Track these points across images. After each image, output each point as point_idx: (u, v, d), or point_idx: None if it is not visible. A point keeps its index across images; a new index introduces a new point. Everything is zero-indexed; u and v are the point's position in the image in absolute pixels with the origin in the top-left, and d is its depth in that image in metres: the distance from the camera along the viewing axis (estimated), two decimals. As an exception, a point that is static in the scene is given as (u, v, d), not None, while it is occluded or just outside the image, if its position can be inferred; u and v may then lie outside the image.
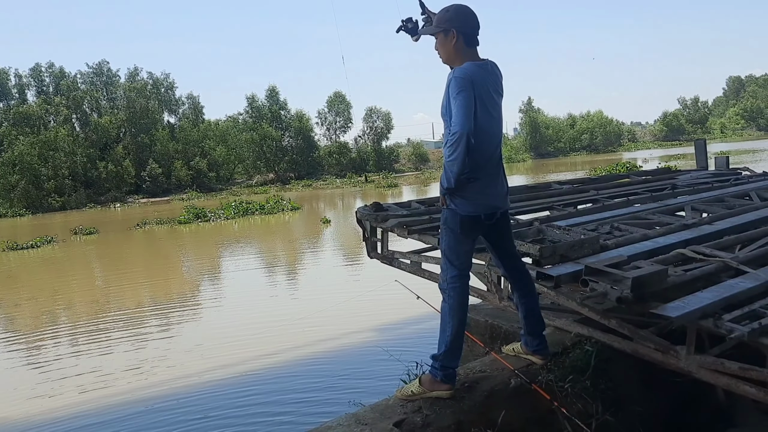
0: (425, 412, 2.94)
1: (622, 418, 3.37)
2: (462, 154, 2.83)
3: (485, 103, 2.96)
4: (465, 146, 2.82)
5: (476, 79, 2.93)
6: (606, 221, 4.59)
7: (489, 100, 2.99)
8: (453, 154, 2.85)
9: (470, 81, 2.89)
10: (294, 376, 6.75)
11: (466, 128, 2.82)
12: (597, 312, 3.37)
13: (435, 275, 4.20)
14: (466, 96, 2.85)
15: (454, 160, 2.86)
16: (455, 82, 2.89)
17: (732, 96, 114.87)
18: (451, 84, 2.90)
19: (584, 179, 7.56)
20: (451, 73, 2.96)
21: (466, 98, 2.85)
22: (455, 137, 2.83)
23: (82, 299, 12.38)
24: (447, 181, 2.94)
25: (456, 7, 3.07)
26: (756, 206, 5.18)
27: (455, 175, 2.90)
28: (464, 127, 2.82)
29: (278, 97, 61.50)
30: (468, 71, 2.92)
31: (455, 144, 2.83)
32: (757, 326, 2.73)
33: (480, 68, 3.00)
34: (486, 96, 2.97)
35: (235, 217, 27.51)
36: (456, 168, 2.88)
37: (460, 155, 2.84)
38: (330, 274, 13.11)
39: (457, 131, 2.83)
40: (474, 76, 2.93)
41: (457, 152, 2.83)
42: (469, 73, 2.92)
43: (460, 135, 2.82)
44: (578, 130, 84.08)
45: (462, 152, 2.83)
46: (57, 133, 48.05)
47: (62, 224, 32.23)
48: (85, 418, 6.09)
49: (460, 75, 2.90)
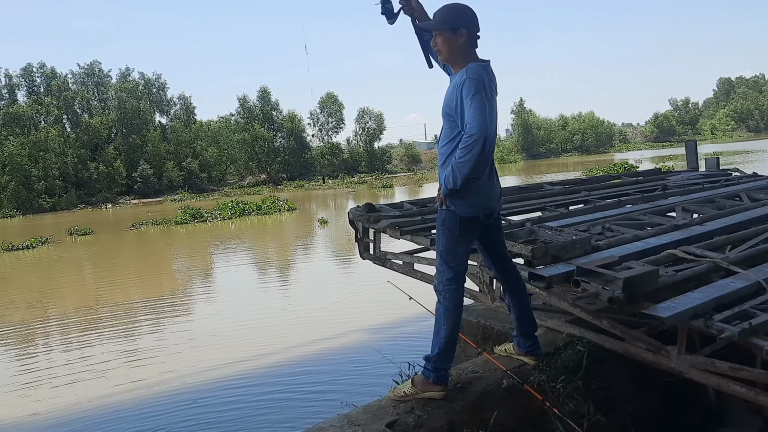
0: (418, 413, 2.93)
1: (613, 418, 3.38)
2: (477, 156, 2.80)
3: (490, 105, 2.95)
4: (481, 149, 2.79)
5: (484, 81, 2.91)
6: (597, 222, 4.60)
7: (491, 101, 2.97)
8: (467, 155, 2.80)
9: (483, 83, 2.88)
10: (286, 377, 6.73)
11: (485, 131, 2.78)
12: (589, 312, 3.38)
13: (427, 276, 4.21)
14: (482, 98, 2.83)
15: (467, 161, 2.82)
16: (471, 83, 2.85)
17: (722, 97, 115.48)
18: (466, 84, 2.86)
19: (576, 180, 7.58)
20: (464, 73, 2.91)
21: (482, 100, 2.82)
22: (472, 139, 2.78)
23: (90, 299, 12.31)
24: (453, 182, 2.89)
25: (464, 6, 3.04)
26: (746, 207, 5.20)
27: (464, 177, 2.86)
28: (483, 130, 2.78)
29: (270, 97, 61.47)
30: (479, 72, 2.90)
31: (471, 146, 2.79)
32: (747, 326, 2.74)
33: (484, 69, 2.98)
34: (489, 98, 2.94)
35: (232, 217, 27.45)
36: (467, 170, 2.84)
37: (474, 157, 2.80)
38: (325, 274, 13.09)
39: (475, 133, 2.78)
40: (483, 77, 2.91)
41: (472, 154, 2.80)
42: (481, 74, 2.91)
43: (478, 137, 2.78)
44: (570, 131, 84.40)
45: (477, 155, 2.80)
46: (48, 134, 47.79)
47: (53, 225, 32.06)
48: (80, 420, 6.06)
49: (476, 76, 2.87)
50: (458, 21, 2.99)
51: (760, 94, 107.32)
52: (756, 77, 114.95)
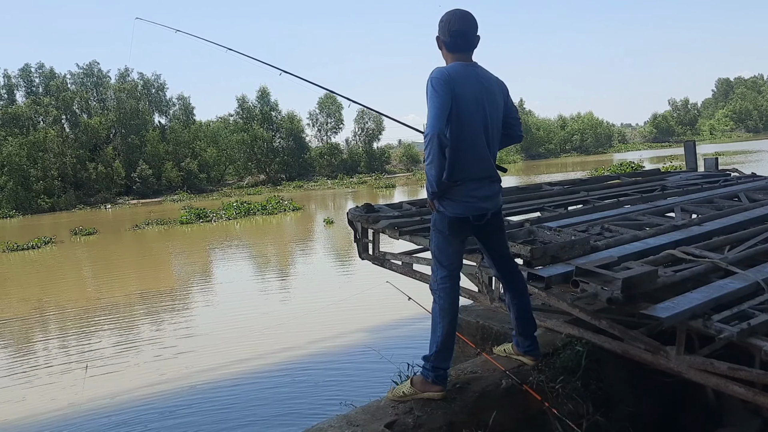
0: (416, 413, 2.93)
1: (612, 418, 3.38)
2: (436, 155, 2.81)
3: (469, 104, 2.92)
4: (438, 147, 2.80)
5: (457, 79, 2.91)
6: (596, 222, 4.60)
7: (475, 100, 2.95)
8: (428, 156, 2.84)
9: (447, 82, 2.87)
10: (285, 377, 6.72)
11: (436, 129, 2.80)
12: (588, 313, 3.38)
13: (426, 276, 4.19)
14: (439, 97, 2.84)
15: (430, 162, 2.85)
16: (430, 83, 2.88)
17: (721, 98, 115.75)
18: (427, 85, 2.90)
19: (575, 180, 7.57)
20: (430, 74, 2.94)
21: (438, 99, 2.83)
22: (427, 139, 2.81)
23: (102, 299, 12.28)
24: (429, 184, 2.93)
25: (449, 12, 3.05)
26: (745, 207, 5.21)
27: (435, 178, 2.88)
28: (434, 128, 2.80)
29: (269, 98, 61.44)
30: (446, 72, 2.91)
31: (428, 146, 2.81)
32: (746, 326, 2.74)
33: (465, 68, 2.98)
34: (470, 96, 2.93)
35: (237, 217, 27.44)
36: (434, 170, 2.86)
37: (435, 157, 2.82)
38: (328, 274, 13.08)
39: (428, 133, 2.81)
40: (455, 75, 2.91)
41: (432, 155, 2.82)
42: (449, 73, 2.90)
43: (432, 136, 2.80)
44: (569, 132, 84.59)
45: (436, 153, 2.81)
46: (46, 134, 47.77)
47: (53, 225, 32.04)
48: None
49: (435, 76, 2.89)
50: (439, 29, 3.06)
51: (759, 95, 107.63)
52: (755, 78, 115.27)
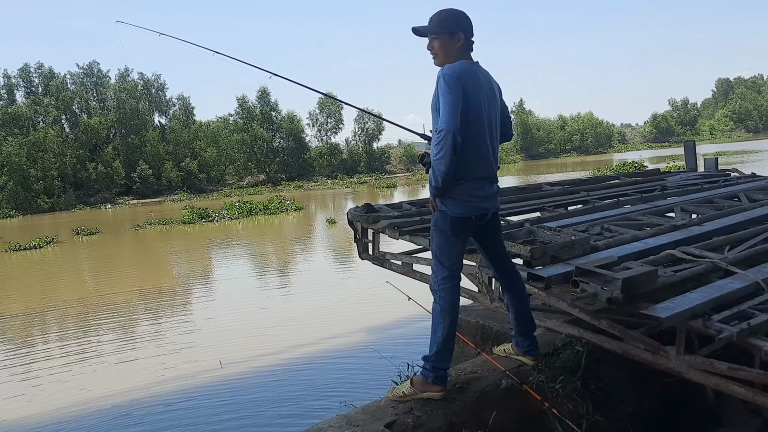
0: (416, 414, 2.93)
1: (612, 418, 3.38)
2: (449, 151, 2.82)
3: (477, 103, 2.95)
4: (451, 144, 2.81)
5: (467, 78, 2.92)
6: (596, 222, 4.60)
7: (481, 99, 2.97)
8: (440, 152, 2.83)
9: (460, 79, 2.89)
10: (285, 378, 6.72)
11: (452, 125, 2.80)
12: (587, 313, 3.38)
13: (426, 276, 4.20)
14: (453, 94, 2.84)
15: (441, 158, 2.84)
16: (444, 79, 2.88)
17: (721, 98, 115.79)
18: (440, 81, 2.90)
19: (575, 180, 7.57)
20: (441, 70, 2.95)
21: (452, 96, 2.84)
22: (441, 134, 2.82)
23: (114, 302, 12.27)
24: (435, 179, 2.92)
25: (461, 12, 3.08)
26: (744, 207, 5.21)
27: (442, 174, 2.88)
28: (450, 124, 2.80)
29: (269, 98, 61.42)
30: (458, 69, 2.92)
31: (441, 141, 2.82)
32: (746, 326, 2.74)
33: (472, 66, 3.01)
34: (477, 95, 2.95)
35: (239, 217, 27.41)
36: (443, 166, 2.86)
37: (446, 153, 2.82)
38: (329, 274, 13.06)
39: (443, 128, 2.81)
40: (465, 73, 2.93)
41: (444, 150, 2.82)
42: (460, 70, 2.92)
43: (446, 132, 2.80)
44: (569, 132, 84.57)
45: (449, 150, 2.81)
46: (46, 134, 47.79)
47: (53, 225, 32.03)
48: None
49: (450, 72, 2.89)
50: (456, 26, 3.03)
51: (759, 95, 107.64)
52: (754, 78, 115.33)
